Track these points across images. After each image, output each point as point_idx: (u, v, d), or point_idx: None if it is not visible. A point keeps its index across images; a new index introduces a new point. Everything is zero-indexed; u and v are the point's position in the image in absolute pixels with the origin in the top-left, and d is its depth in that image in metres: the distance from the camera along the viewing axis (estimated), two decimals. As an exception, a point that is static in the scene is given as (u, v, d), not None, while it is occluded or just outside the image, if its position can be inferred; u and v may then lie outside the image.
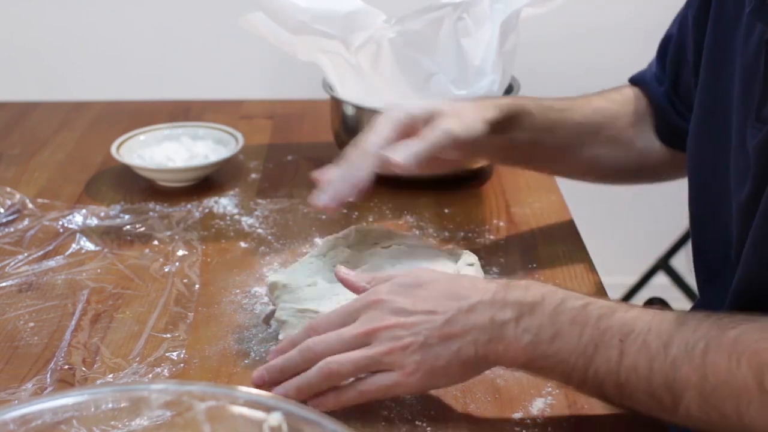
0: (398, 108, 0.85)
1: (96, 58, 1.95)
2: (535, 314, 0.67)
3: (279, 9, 1.01)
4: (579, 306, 0.66)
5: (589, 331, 0.65)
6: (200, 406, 0.56)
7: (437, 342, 0.67)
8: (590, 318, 0.66)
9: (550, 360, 0.66)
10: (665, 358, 0.62)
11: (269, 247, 0.99)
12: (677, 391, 0.62)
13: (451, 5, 1.03)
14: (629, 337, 0.64)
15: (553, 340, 0.66)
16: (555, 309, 0.67)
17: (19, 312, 0.87)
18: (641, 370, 0.63)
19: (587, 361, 0.65)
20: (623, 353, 0.64)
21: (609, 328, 0.65)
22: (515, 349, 0.67)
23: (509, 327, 0.67)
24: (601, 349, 0.64)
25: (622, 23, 1.98)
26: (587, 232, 1.04)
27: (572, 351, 0.65)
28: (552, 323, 0.66)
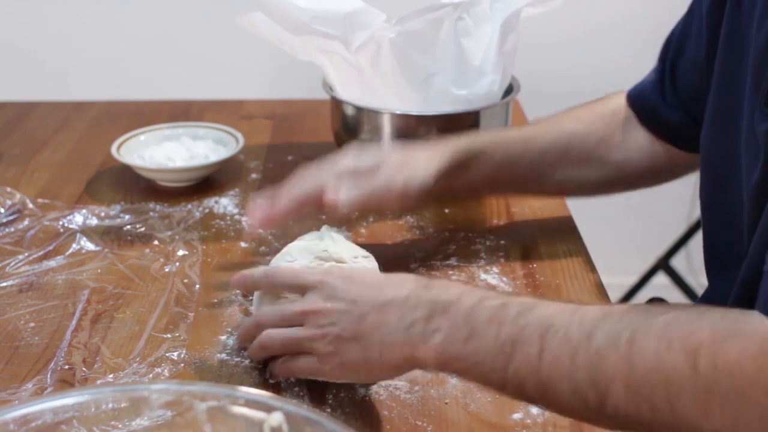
0: (350, 154, 0.90)
1: (96, 58, 1.95)
2: (448, 313, 0.64)
3: (279, 9, 1.01)
4: (497, 305, 0.64)
5: (506, 329, 0.62)
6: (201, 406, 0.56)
7: (349, 336, 0.68)
8: (508, 316, 0.63)
9: (466, 361, 0.63)
10: (588, 350, 0.59)
11: (269, 247, 0.99)
12: (603, 384, 0.58)
13: (451, 5, 1.03)
14: (549, 332, 0.60)
15: (467, 340, 0.63)
16: (471, 308, 0.64)
17: (19, 312, 0.87)
18: (563, 364, 0.59)
19: (506, 360, 0.62)
20: (543, 349, 0.60)
21: (528, 325, 0.62)
22: (424, 351, 0.65)
23: (417, 327, 0.65)
24: (519, 346, 0.61)
25: (622, 23, 1.98)
26: (587, 232, 1.04)
27: (489, 350, 0.62)
28: (466, 322, 0.64)
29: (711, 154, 0.86)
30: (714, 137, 0.85)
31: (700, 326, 0.56)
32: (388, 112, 1.08)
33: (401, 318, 0.66)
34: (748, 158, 0.77)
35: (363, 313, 0.68)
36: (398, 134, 1.08)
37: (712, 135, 0.85)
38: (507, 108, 1.13)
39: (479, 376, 0.64)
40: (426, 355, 0.65)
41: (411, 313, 0.66)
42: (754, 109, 0.75)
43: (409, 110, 1.07)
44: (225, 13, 1.31)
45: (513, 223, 1.05)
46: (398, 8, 1.05)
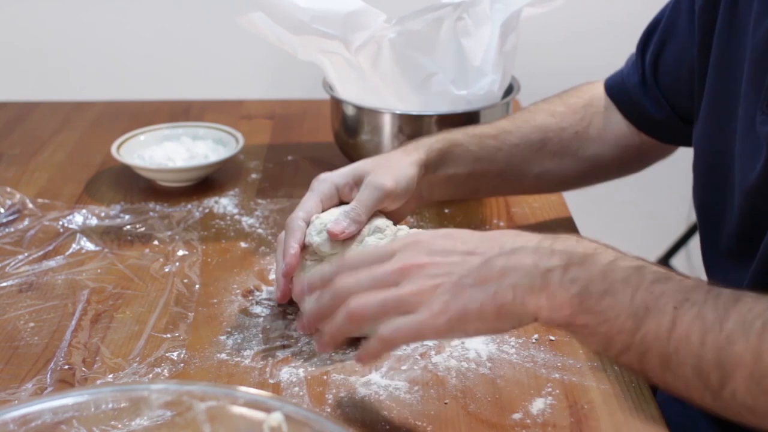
0: (322, 179, 0.86)
1: (96, 58, 1.95)
2: (585, 266, 0.62)
3: (279, 9, 1.01)
4: (633, 267, 0.62)
5: (641, 293, 0.60)
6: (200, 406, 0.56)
7: (472, 283, 0.63)
8: (644, 280, 0.61)
9: (597, 317, 0.61)
10: (720, 332, 0.58)
11: (269, 247, 0.99)
12: (728, 368, 0.57)
13: (451, 5, 1.03)
14: (684, 305, 0.59)
15: (603, 296, 0.61)
16: (608, 265, 0.62)
17: (19, 312, 0.87)
18: (693, 341, 0.58)
19: (636, 324, 0.60)
20: (676, 321, 0.59)
21: (663, 294, 0.60)
22: (560, 300, 0.62)
23: (555, 274, 0.62)
24: (653, 313, 0.60)
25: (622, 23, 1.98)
26: (587, 231, 1.04)
27: (622, 311, 0.60)
28: (603, 278, 0.61)
29: (705, 153, 0.86)
30: (708, 136, 0.85)
31: None
32: (388, 112, 1.08)
33: (537, 263, 0.63)
34: (745, 157, 0.77)
35: (488, 258, 0.63)
36: (398, 134, 1.08)
37: (706, 134, 0.86)
38: (507, 108, 1.13)
39: (604, 335, 0.62)
40: (562, 303, 0.62)
41: (547, 259, 0.63)
42: (754, 109, 0.75)
43: (409, 110, 1.07)
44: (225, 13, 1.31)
45: (513, 223, 1.05)
46: (398, 8, 1.05)
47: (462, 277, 0.63)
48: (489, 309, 0.62)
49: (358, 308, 0.63)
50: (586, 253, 0.63)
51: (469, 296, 0.62)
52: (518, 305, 0.62)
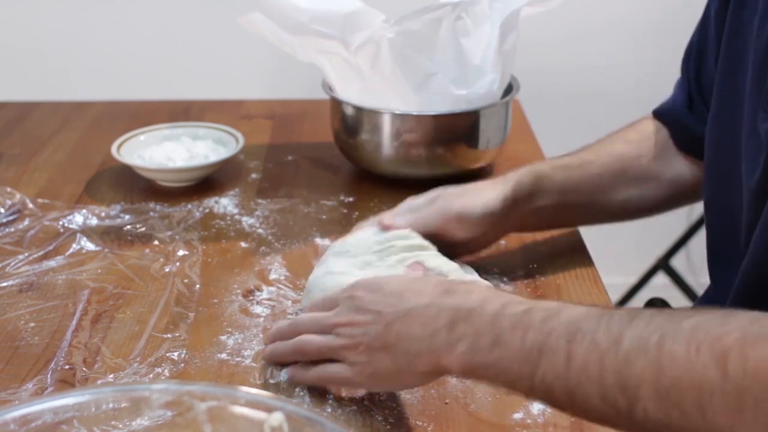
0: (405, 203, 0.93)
1: (96, 58, 1.95)
2: (471, 321, 0.64)
3: (278, 9, 1.01)
4: (521, 311, 0.63)
5: (532, 335, 0.61)
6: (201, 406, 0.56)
7: (378, 347, 0.68)
8: (533, 321, 0.61)
9: (492, 369, 0.62)
10: (617, 355, 0.57)
11: (269, 247, 0.99)
12: (632, 389, 0.57)
13: (451, 5, 1.03)
14: (576, 337, 0.59)
15: (493, 348, 0.62)
16: (494, 314, 0.63)
17: (19, 312, 0.87)
18: (592, 370, 0.58)
19: (533, 367, 0.60)
20: (571, 354, 0.59)
21: (554, 330, 0.60)
22: (450, 359, 0.64)
23: (440, 335, 0.65)
24: (546, 353, 0.60)
25: (622, 22, 1.98)
26: (587, 231, 1.04)
27: (515, 358, 0.61)
28: (491, 330, 0.62)
29: (713, 153, 0.86)
30: (716, 136, 0.85)
31: (728, 330, 0.55)
32: (388, 112, 1.08)
33: (424, 326, 0.66)
34: (749, 157, 0.77)
35: (388, 322, 0.68)
36: (398, 134, 1.08)
37: (714, 134, 0.86)
38: (506, 107, 1.13)
39: (506, 383, 0.63)
40: (451, 363, 0.64)
41: (433, 321, 0.65)
42: (756, 109, 0.76)
43: (409, 110, 1.07)
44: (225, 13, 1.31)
45: (513, 223, 1.04)
46: (398, 8, 1.05)
47: (372, 339, 0.69)
48: (392, 372, 0.68)
49: (305, 346, 0.75)
50: (472, 307, 0.64)
51: (378, 359, 0.69)
52: (413, 369, 0.67)
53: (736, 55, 0.82)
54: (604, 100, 2.01)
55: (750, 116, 0.77)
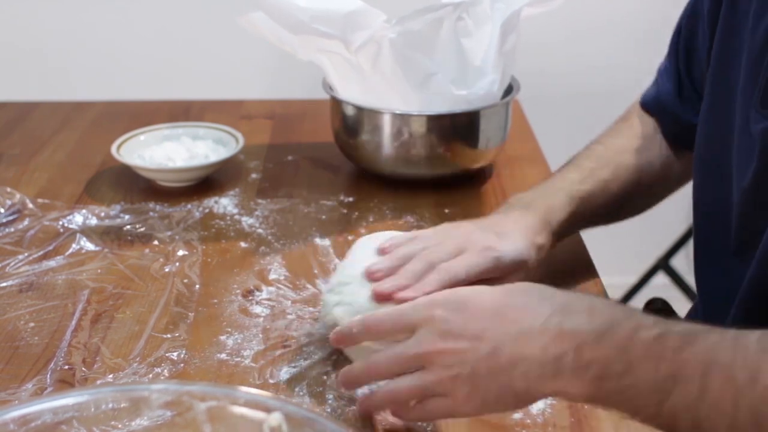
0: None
1: (96, 58, 1.95)
2: (600, 345, 0.59)
3: (279, 9, 1.01)
4: (653, 336, 0.59)
5: (665, 366, 0.58)
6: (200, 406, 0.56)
7: (485, 373, 0.62)
8: (666, 351, 0.58)
9: (619, 396, 0.59)
10: (753, 393, 0.55)
11: (269, 247, 0.99)
12: (765, 428, 0.55)
13: (451, 5, 1.03)
14: (712, 370, 0.57)
15: (623, 376, 0.59)
16: (625, 340, 0.59)
17: (19, 312, 0.87)
18: (725, 406, 0.56)
19: (663, 397, 0.58)
20: (705, 388, 0.56)
21: (688, 362, 0.57)
22: (577, 386, 0.60)
23: (567, 360, 0.60)
24: (680, 384, 0.57)
25: (622, 23, 1.98)
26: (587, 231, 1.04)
27: (646, 388, 0.58)
28: (621, 357, 0.59)
29: (703, 150, 0.86)
30: (706, 135, 0.85)
31: None
32: (388, 112, 1.08)
33: (545, 350, 0.61)
34: (741, 157, 0.77)
35: (495, 347, 0.62)
36: (399, 134, 1.08)
37: (704, 132, 0.86)
38: (507, 108, 1.13)
39: (631, 409, 0.60)
40: (577, 389, 0.60)
41: (556, 345, 0.61)
42: (748, 108, 0.76)
43: (409, 110, 1.07)
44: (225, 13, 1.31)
45: (513, 223, 1.04)
46: (398, 8, 1.05)
47: (474, 368, 0.63)
48: (506, 397, 0.63)
49: (392, 395, 0.67)
50: (600, 332, 0.60)
51: (486, 387, 0.63)
52: (533, 393, 0.63)
53: (729, 54, 0.82)
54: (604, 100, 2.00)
55: (742, 115, 0.77)
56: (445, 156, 1.10)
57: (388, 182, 1.13)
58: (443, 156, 1.10)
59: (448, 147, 1.10)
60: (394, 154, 1.10)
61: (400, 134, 1.08)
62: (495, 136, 1.12)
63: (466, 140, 1.10)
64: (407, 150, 1.09)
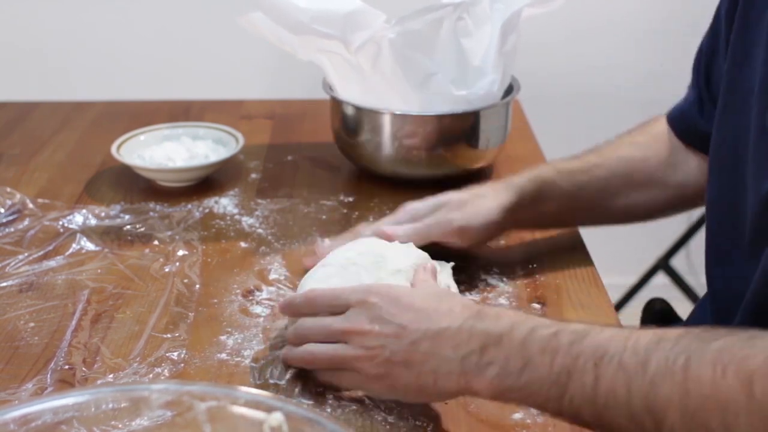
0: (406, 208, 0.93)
1: (96, 58, 1.96)
2: (501, 345, 0.65)
3: (278, 9, 1.01)
4: (549, 334, 0.64)
5: (560, 358, 0.62)
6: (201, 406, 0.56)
7: (399, 362, 0.68)
8: (561, 345, 0.62)
9: (521, 392, 0.64)
10: (643, 378, 0.59)
11: (269, 247, 0.99)
12: (659, 411, 0.58)
13: (451, 5, 1.03)
14: (603, 360, 0.61)
15: (522, 372, 0.63)
16: (524, 339, 0.64)
17: (19, 312, 0.87)
18: (619, 393, 0.59)
19: (561, 390, 0.62)
20: (599, 377, 0.60)
21: (581, 353, 0.61)
22: (480, 383, 0.65)
23: (472, 360, 0.65)
24: (574, 375, 0.61)
25: (622, 23, 1.98)
26: (587, 231, 1.04)
27: (544, 381, 0.62)
28: (520, 354, 0.64)
29: (718, 151, 0.86)
30: (722, 135, 0.85)
31: (753, 352, 0.56)
32: (388, 112, 1.08)
33: (456, 349, 0.66)
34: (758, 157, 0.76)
35: (415, 340, 0.68)
36: (398, 134, 1.08)
37: (720, 133, 0.85)
38: (507, 108, 1.13)
39: (535, 405, 0.65)
40: (481, 386, 0.65)
41: (465, 344, 0.66)
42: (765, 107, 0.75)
43: (409, 110, 1.07)
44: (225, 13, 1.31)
45: (513, 223, 1.04)
46: (398, 8, 1.05)
47: (392, 353, 0.68)
48: (412, 388, 0.69)
49: (311, 357, 0.74)
50: (503, 331, 0.65)
51: (397, 374, 0.68)
52: (439, 388, 0.67)
53: (745, 52, 0.81)
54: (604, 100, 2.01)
55: (759, 114, 0.77)
56: (445, 156, 1.10)
57: (388, 182, 1.13)
58: (443, 156, 1.10)
59: (448, 147, 1.10)
60: (394, 154, 1.10)
61: (399, 134, 1.08)
62: (495, 136, 1.12)
63: (466, 140, 1.10)
64: (407, 150, 1.09)
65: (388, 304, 0.70)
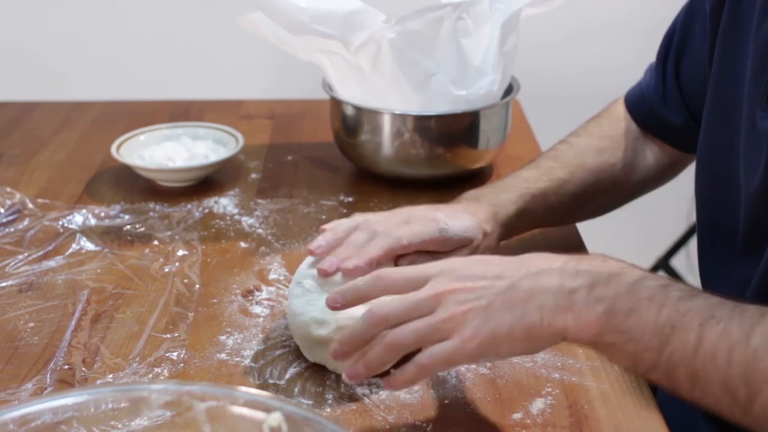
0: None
1: (96, 58, 1.95)
2: (610, 285, 0.63)
3: (278, 9, 1.01)
4: (659, 285, 0.63)
5: (667, 311, 0.61)
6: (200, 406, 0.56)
7: (501, 306, 0.63)
8: (670, 298, 0.61)
9: (623, 336, 0.62)
10: (746, 347, 0.58)
11: (269, 247, 0.99)
12: (756, 384, 0.58)
13: (451, 5, 1.03)
14: (710, 322, 0.60)
15: (628, 315, 0.61)
16: (634, 284, 0.63)
17: (19, 312, 0.87)
18: (719, 358, 0.59)
19: (663, 342, 0.60)
20: (702, 338, 0.59)
21: (689, 311, 0.61)
22: (587, 319, 0.62)
23: (580, 294, 0.63)
24: (678, 331, 0.60)
25: (622, 23, 1.98)
26: (587, 231, 1.04)
27: (648, 329, 0.61)
28: (629, 297, 0.62)
29: (709, 152, 0.86)
30: (712, 135, 0.85)
31: None
32: (388, 112, 1.08)
33: (562, 284, 0.64)
34: (748, 156, 0.77)
35: (514, 282, 0.64)
36: (398, 134, 1.08)
37: (709, 133, 0.85)
38: (507, 108, 1.13)
39: (631, 354, 0.62)
40: (587, 323, 0.62)
41: (572, 280, 0.64)
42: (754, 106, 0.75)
43: (409, 110, 1.07)
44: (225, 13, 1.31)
45: (513, 223, 1.04)
46: (398, 8, 1.05)
47: (491, 301, 0.64)
48: (518, 331, 0.63)
49: (397, 340, 0.65)
50: (612, 273, 0.64)
51: (499, 319, 0.63)
52: (546, 326, 0.63)
53: (733, 52, 0.81)
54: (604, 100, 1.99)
55: (748, 114, 0.77)
56: (445, 156, 1.10)
57: (388, 182, 1.13)
58: (443, 156, 1.10)
59: (448, 147, 1.10)
60: (394, 154, 1.10)
61: (399, 134, 1.08)
62: (495, 136, 1.12)
63: (466, 140, 1.10)
64: (407, 150, 1.09)
65: (473, 264, 0.67)
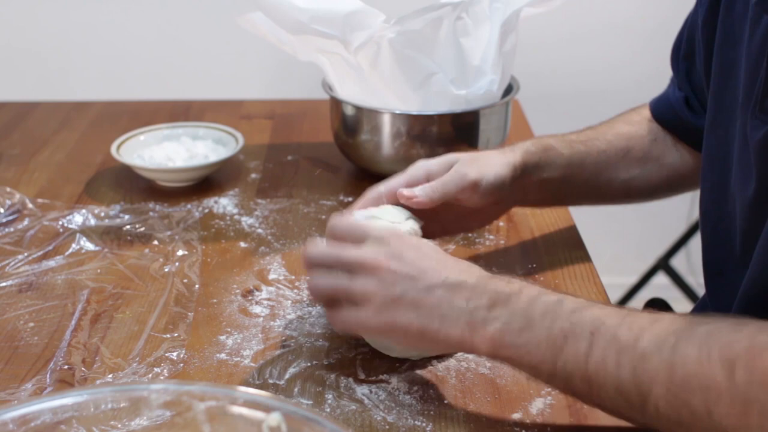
0: (417, 165, 0.88)
1: (96, 58, 1.96)
2: (508, 304, 0.67)
3: (278, 9, 1.01)
4: (553, 300, 0.67)
5: (559, 323, 0.65)
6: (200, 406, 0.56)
7: (409, 303, 0.69)
8: (563, 311, 0.65)
9: (519, 350, 0.66)
10: (634, 352, 0.61)
11: (269, 247, 0.99)
12: (645, 384, 0.61)
13: (451, 5, 1.03)
14: (600, 330, 0.63)
15: (522, 331, 0.66)
16: (529, 301, 0.67)
17: (19, 312, 0.87)
18: (609, 363, 0.62)
19: (556, 353, 0.65)
20: (593, 345, 0.63)
21: (580, 321, 0.64)
22: (482, 335, 0.67)
23: (480, 312, 0.68)
24: (570, 340, 0.64)
25: (622, 23, 1.98)
26: (587, 231, 1.04)
27: (542, 342, 0.65)
28: (523, 314, 0.66)
29: (709, 162, 0.86)
30: (711, 146, 0.85)
31: (738, 338, 0.58)
32: (388, 112, 1.08)
33: (468, 301, 0.68)
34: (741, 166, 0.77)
35: (431, 285, 0.69)
36: (398, 134, 1.08)
37: (709, 143, 0.86)
38: (506, 108, 1.13)
39: (529, 366, 0.67)
40: (482, 339, 0.68)
41: (477, 298, 0.68)
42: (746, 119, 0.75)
43: (409, 110, 1.07)
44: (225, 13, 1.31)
45: (512, 223, 1.05)
46: (398, 8, 1.05)
47: (403, 294, 0.69)
48: (415, 330, 0.69)
49: (313, 286, 0.73)
50: (511, 293, 0.68)
51: (402, 314, 0.69)
52: (442, 335, 0.69)
53: (728, 64, 0.81)
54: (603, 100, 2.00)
55: (741, 126, 0.77)
56: (445, 156, 1.10)
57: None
58: (443, 156, 1.10)
59: (447, 147, 1.09)
60: (394, 154, 1.10)
61: (399, 134, 1.08)
62: (495, 136, 1.12)
63: (466, 140, 1.10)
64: (407, 150, 1.09)
65: (409, 248, 0.71)
